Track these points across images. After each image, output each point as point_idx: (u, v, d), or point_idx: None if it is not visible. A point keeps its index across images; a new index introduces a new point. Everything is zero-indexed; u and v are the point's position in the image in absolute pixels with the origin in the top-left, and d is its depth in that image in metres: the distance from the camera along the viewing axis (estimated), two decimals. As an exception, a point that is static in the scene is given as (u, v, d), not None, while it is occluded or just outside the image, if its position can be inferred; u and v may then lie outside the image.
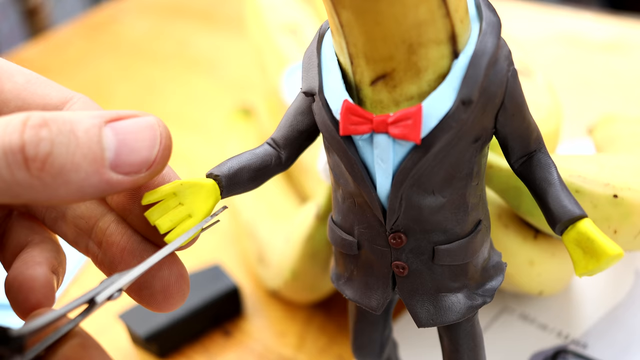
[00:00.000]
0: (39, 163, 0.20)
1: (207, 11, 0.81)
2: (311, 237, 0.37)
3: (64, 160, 0.20)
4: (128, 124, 0.22)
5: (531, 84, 0.36)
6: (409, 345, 0.37)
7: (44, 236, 0.25)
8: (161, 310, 0.25)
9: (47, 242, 0.25)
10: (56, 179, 0.20)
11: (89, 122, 0.21)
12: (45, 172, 0.20)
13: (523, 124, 0.24)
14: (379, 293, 0.26)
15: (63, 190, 0.20)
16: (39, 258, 0.24)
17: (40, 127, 0.20)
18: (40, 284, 0.23)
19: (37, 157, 0.20)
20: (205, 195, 0.24)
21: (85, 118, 0.21)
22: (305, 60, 0.25)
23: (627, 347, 0.36)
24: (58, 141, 0.20)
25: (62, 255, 0.25)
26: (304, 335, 0.40)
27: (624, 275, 0.40)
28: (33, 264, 0.23)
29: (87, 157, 0.21)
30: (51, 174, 0.20)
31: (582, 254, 0.23)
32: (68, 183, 0.20)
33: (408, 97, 0.23)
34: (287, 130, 0.26)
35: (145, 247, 0.25)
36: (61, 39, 0.81)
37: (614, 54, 0.61)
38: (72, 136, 0.20)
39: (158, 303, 0.25)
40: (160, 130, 0.23)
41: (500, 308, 0.39)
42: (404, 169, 0.23)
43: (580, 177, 0.30)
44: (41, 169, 0.20)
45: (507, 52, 0.23)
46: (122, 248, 0.24)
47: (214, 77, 0.68)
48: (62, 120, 0.21)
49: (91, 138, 0.21)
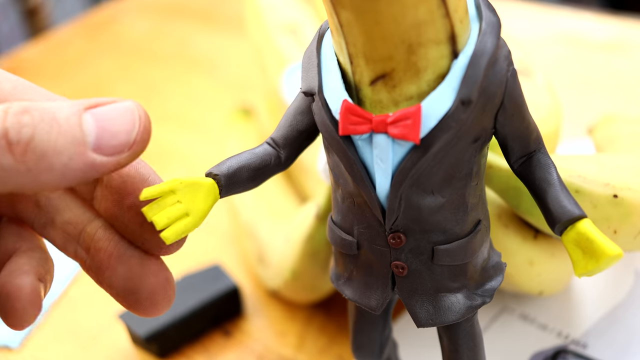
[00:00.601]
0: (22, 147, 0.20)
1: (207, 11, 0.81)
2: (311, 237, 0.37)
3: (47, 145, 0.21)
4: (107, 109, 0.23)
5: (531, 83, 0.36)
6: (409, 345, 0.37)
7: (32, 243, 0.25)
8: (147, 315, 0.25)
9: (35, 250, 0.25)
10: (39, 163, 0.21)
11: (68, 109, 0.22)
12: (29, 156, 0.21)
13: (522, 124, 0.24)
14: (379, 293, 0.26)
15: (47, 174, 0.21)
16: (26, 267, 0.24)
17: (22, 114, 0.21)
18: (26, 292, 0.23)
19: (20, 141, 0.20)
20: (204, 195, 0.24)
21: (65, 106, 0.22)
22: (304, 60, 0.25)
23: (627, 347, 0.36)
24: (40, 127, 0.21)
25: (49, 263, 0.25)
26: (304, 335, 0.40)
27: (624, 275, 0.40)
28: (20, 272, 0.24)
29: (68, 142, 0.21)
30: (34, 159, 0.21)
31: (582, 255, 0.23)
32: (52, 167, 0.21)
33: (407, 97, 0.23)
34: (286, 130, 0.26)
35: (132, 253, 0.25)
36: (61, 39, 0.81)
37: (614, 54, 0.61)
38: (53, 123, 0.21)
39: (145, 308, 0.25)
40: (138, 113, 0.23)
41: (500, 308, 0.39)
42: (403, 169, 0.23)
43: (580, 177, 0.30)
44: (24, 153, 0.20)
45: (506, 52, 0.23)
46: (109, 254, 0.25)
47: (214, 77, 0.68)
48: (43, 108, 0.21)
49: (72, 124, 0.21)
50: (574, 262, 0.24)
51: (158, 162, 0.58)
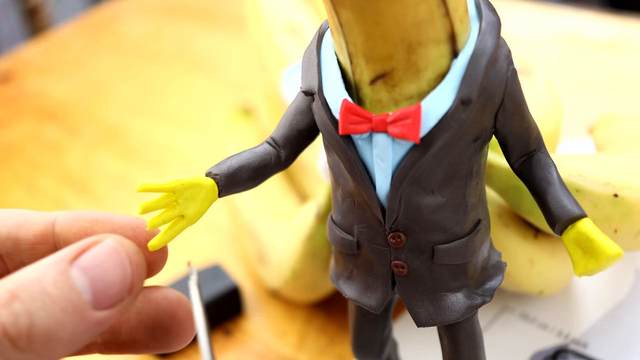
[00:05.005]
0: (25, 338, 0.19)
1: (207, 11, 0.81)
2: (311, 236, 0.37)
3: (47, 323, 0.20)
4: (91, 256, 0.21)
5: (531, 83, 0.36)
6: (409, 345, 0.37)
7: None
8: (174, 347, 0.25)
9: None
10: (48, 344, 0.20)
11: (54, 272, 0.21)
12: (35, 343, 0.20)
13: (523, 124, 0.24)
14: (379, 292, 0.26)
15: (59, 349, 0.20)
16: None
17: (11, 301, 0.20)
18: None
19: (20, 334, 0.19)
20: (203, 197, 0.24)
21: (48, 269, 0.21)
22: (305, 59, 0.25)
23: (628, 346, 0.36)
24: (34, 308, 0.20)
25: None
26: (304, 334, 0.40)
27: (624, 274, 0.39)
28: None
29: (68, 310, 0.20)
30: (41, 342, 0.20)
31: (582, 254, 0.23)
32: (60, 341, 0.20)
33: (407, 96, 0.23)
34: (286, 130, 0.26)
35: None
36: (61, 38, 0.81)
37: (615, 54, 0.61)
38: (44, 296, 0.20)
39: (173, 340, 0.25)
40: (126, 250, 0.22)
41: (501, 307, 0.39)
42: (403, 168, 0.23)
43: (580, 177, 0.30)
44: (29, 343, 0.20)
45: (506, 52, 0.23)
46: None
47: (214, 77, 0.68)
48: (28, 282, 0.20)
49: (63, 288, 0.20)
50: (574, 261, 0.24)
51: (158, 162, 0.58)
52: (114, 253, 0.22)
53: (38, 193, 0.57)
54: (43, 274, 0.20)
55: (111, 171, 0.58)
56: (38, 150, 0.63)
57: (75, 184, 0.58)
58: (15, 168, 0.61)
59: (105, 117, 0.66)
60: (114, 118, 0.65)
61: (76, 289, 0.21)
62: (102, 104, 0.68)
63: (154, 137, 0.62)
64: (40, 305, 0.20)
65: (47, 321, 0.20)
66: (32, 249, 0.24)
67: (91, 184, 0.57)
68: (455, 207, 0.24)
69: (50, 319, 0.20)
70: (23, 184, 0.58)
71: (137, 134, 0.63)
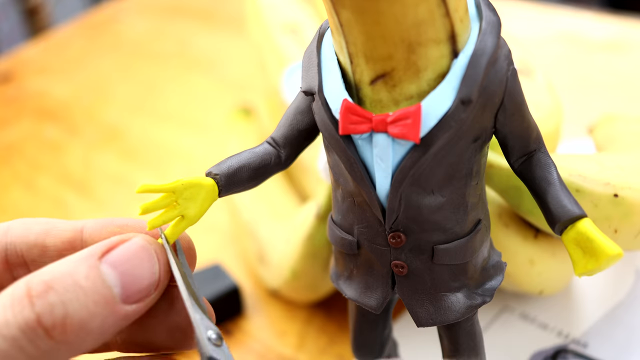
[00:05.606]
0: (60, 328, 0.20)
1: (207, 11, 0.81)
2: (311, 236, 0.37)
3: (80, 314, 0.20)
4: (120, 252, 0.22)
5: (531, 83, 0.36)
6: (409, 345, 0.37)
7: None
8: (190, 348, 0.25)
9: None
10: (79, 335, 0.21)
11: (85, 266, 0.21)
12: (68, 333, 0.20)
13: (523, 124, 0.24)
14: (379, 292, 0.26)
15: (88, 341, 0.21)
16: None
17: (46, 292, 0.20)
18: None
19: (55, 323, 0.20)
20: (203, 197, 0.24)
21: (79, 264, 0.21)
22: (305, 59, 0.25)
23: (627, 346, 0.36)
24: (68, 299, 0.20)
25: None
26: (304, 334, 0.40)
27: (624, 274, 0.39)
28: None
29: (99, 303, 0.21)
30: (74, 332, 0.20)
31: (582, 254, 0.23)
32: (90, 333, 0.21)
33: (407, 96, 0.23)
34: (286, 130, 0.26)
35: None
36: (61, 38, 0.81)
37: (615, 54, 0.61)
38: (77, 289, 0.21)
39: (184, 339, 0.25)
40: (154, 248, 0.23)
41: (501, 307, 0.39)
42: (403, 168, 0.23)
43: (580, 177, 0.30)
44: (63, 332, 0.20)
45: (506, 52, 0.23)
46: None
47: (214, 77, 0.68)
48: (61, 275, 0.21)
49: (94, 282, 0.21)
50: (574, 261, 0.24)
51: (158, 162, 0.58)
52: (142, 250, 0.22)
53: (38, 193, 0.57)
54: (74, 268, 0.21)
55: (111, 171, 0.58)
56: (38, 150, 0.63)
57: (75, 184, 0.57)
58: (15, 168, 0.61)
59: (105, 117, 0.66)
60: (114, 118, 0.65)
61: (107, 283, 0.21)
62: (102, 104, 0.68)
63: (154, 137, 0.62)
64: (74, 297, 0.20)
65: (81, 313, 0.20)
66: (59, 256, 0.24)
67: (91, 184, 0.57)
68: (455, 207, 0.24)
69: (83, 311, 0.20)
70: (23, 184, 0.58)
71: (137, 134, 0.63)
